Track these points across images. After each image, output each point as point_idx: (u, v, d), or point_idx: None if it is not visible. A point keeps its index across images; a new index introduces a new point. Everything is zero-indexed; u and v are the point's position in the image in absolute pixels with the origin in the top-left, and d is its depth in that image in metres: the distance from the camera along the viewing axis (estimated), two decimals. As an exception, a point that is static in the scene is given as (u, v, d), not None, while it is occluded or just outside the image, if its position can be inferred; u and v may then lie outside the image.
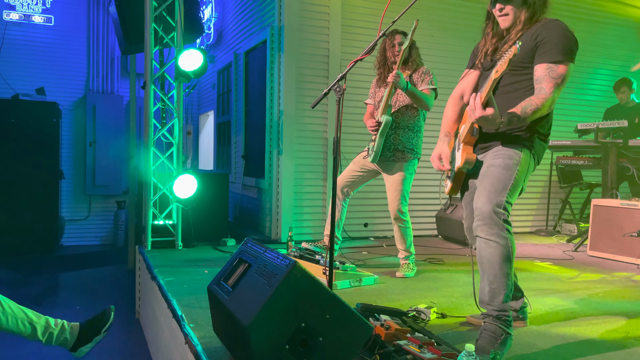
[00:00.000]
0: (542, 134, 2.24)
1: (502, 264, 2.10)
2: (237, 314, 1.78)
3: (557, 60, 2.07)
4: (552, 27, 2.13)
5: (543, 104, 2.04)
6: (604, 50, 6.57)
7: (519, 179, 2.15)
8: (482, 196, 2.14)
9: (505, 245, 2.10)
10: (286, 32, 5.12)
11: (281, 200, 5.12)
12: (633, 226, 4.38)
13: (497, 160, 2.17)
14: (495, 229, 2.09)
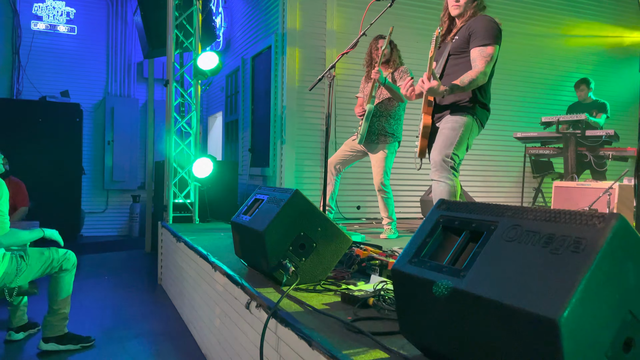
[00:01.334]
0: (482, 103, 2.98)
1: (449, 198, 2.84)
2: (255, 227, 2.53)
3: (485, 43, 2.83)
4: (481, 20, 2.89)
5: (477, 76, 2.79)
6: (575, 56, 7.36)
7: (463, 137, 2.89)
8: (435, 150, 2.89)
9: (452, 185, 2.84)
10: (289, 38, 5.90)
11: (284, 184, 5.87)
12: (586, 202, 5.10)
13: (447, 124, 2.93)
14: (444, 173, 2.84)
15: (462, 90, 2.84)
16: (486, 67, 2.83)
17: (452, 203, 1.58)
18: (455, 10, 2.98)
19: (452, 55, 2.95)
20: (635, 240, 1.11)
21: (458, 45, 2.92)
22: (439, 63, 2.98)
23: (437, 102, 3.00)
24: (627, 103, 7.64)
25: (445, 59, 2.96)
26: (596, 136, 5.63)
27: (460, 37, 2.93)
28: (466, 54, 2.92)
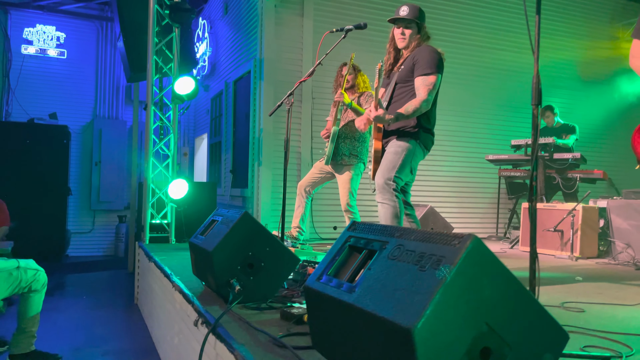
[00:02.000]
0: (426, 128, 3.14)
1: (393, 219, 2.97)
2: (206, 247, 2.66)
3: (428, 73, 2.99)
4: (424, 50, 3.06)
5: (420, 104, 2.96)
6: (546, 80, 7.56)
7: (405, 161, 3.04)
8: (379, 173, 3.04)
9: (394, 207, 2.97)
10: (266, 64, 6.10)
11: (260, 204, 6.00)
12: (552, 223, 5.24)
13: (391, 148, 3.08)
14: (387, 195, 2.98)
15: (406, 118, 3.00)
16: (428, 95, 2.99)
17: (360, 225, 1.71)
18: (401, 43, 3.16)
19: (399, 83, 3.12)
20: (490, 259, 1.25)
21: (404, 74, 3.09)
22: (388, 90, 3.15)
23: (385, 128, 3.15)
24: (596, 127, 7.84)
25: (393, 87, 3.13)
26: (563, 159, 5.79)
27: (406, 66, 3.10)
28: (411, 83, 3.08)
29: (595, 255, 5.07)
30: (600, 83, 8.01)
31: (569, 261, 4.82)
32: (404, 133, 3.09)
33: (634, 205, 4.92)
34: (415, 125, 3.08)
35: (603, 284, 3.54)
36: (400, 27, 3.16)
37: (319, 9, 6.37)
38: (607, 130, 7.94)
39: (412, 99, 3.00)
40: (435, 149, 6.85)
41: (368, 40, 6.39)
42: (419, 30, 3.15)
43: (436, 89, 3.03)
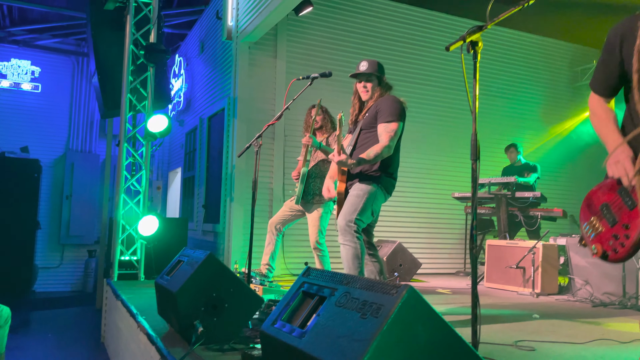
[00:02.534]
0: (388, 172, 3.28)
1: (354, 260, 3.08)
2: (170, 288, 2.71)
3: (389, 120, 3.16)
4: (386, 100, 3.25)
5: (382, 150, 3.12)
6: (511, 121, 7.90)
7: (366, 204, 3.16)
8: (340, 215, 3.16)
9: (355, 248, 3.08)
10: (239, 102, 6.25)
11: (231, 240, 6.05)
12: (515, 260, 5.41)
13: (353, 191, 3.21)
14: (347, 237, 3.09)
15: (368, 163, 3.14)
16: (390, 141, 3.15)
17: (314, 271, 1.81)
18: (364, 96, 3.35)
19: (363, 130, 3.29)
20: (424, 307, 1.36)
21: (368, 122, 3.26)
22: (353, 137, 3.31)
23: (349, 171, 3.29)
24: (558, 166, 8.17)
25: (357, 133, 3.29)
26: (525, 198, 6.02)
27: (370, 114, 3.27)
28: (375, 130, 3.25)
29: (556, 291, 5.23)
30: (561, 124, 8.38)
31: (530, 298, 4.97)
32: (366, 177, 3.22)
33: (591, 243, 5.12)
34: (378, 169, 3.23)
35: (558, 321, 3.67)
36: (362, 81, 3.35)
37: (291, 51, 6.60)
38: (567, 169, 8.27)
39: (375, 145, 3.16)
40: (405, 186, 7.11)
41: (339, 81, 6.61)
42: (380, 82, 3.34)
43: (397, 136, 3.20)
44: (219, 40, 7.13)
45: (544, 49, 8.35)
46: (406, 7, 7.30)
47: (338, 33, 6.88)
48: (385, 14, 7.17)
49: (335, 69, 6.76)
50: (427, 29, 7.40)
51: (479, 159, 1.84)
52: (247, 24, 6.06)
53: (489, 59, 7.81)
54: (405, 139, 6.58)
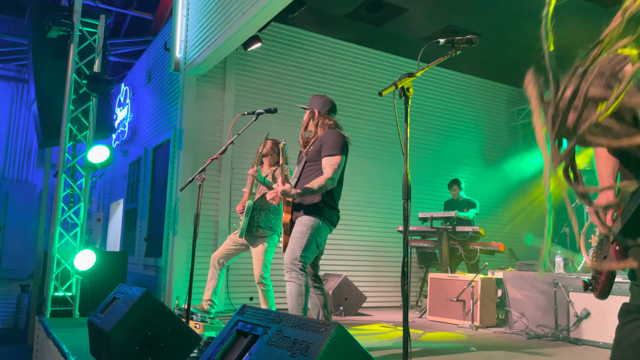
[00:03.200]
0: (330, 205, 3.35)
1: (297, 297, 3.09)
2: (103, 327, 2.61)
3: (333, 154, 3.26)
4: (330, 134, 3.36)
5: (325, 182, 3.21)
6: (453, 157, 8.21)
7: (310, 239, 3.21)
8: (286, 253, 3.18)
9: (300, 285, 3.10)
10: (185, 134, 6.20)
11: (173, 275, 5.89)
12: (455, 293, 5.54)
13: (297, 227, 3.24)
14: (293, 274, 3.11)
15: (311, 194, 3.22)
16: (333, 174, 3.26)
17: (249, 309, 1.81)
18: (309, 128, 3.44)
19: (308, 162, 3.38)
20: (352, 345, 1.39)
21: (312, 154, 3.37)
22: (298, 168, 3.39)
23: (294, 202, 3.33)
24: (496, 201, 8.52)
25: (303, 165, 3.37)
26: (464, 232, 6.22)
27: (314, 147, 3.38)
28: (319, 162, 3.35)
29: (494, 324, 5.38)
30: (499, 161, 8.78)
31: (469, 330, 5.09)
32: (309, 209, 3.27)
33: (526, 276, 5.33)
34: (320, 202, 3.29)
35: (494, 352, 3.78)
36: (307, 114, 3.45)
37: (240, 85, 6.64)
38: (505, 204, 8.63)
39: (319, 177, 3.24)
40: (351, 219, 7.20)
41: (288, 115, 6.71)
42: (320, 115, 3.45)
43: (341, 169, 3.30)
44: (167, 71, 7.09)
45: (483, 90, 8.80)
46: (353, 46, 7.54)
47: (287, 68, 7.00)
48: (334, 51, 7.38)
49: (283, 103, 6.88)
50: (373, 68, 7.66)
51: (410, 199, 1.91)
52: (196, 56, 6.08)
53: (434, 98, 8.14)
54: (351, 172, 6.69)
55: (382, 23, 6.92)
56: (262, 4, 4.56)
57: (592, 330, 4.41)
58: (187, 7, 6.51)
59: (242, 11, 4.91)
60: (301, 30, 7.12)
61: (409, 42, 7.37)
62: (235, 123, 3.74)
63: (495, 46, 7.49)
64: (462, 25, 6.92)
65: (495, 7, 6.40)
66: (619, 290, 4.32)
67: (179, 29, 6.54)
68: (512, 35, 7.11)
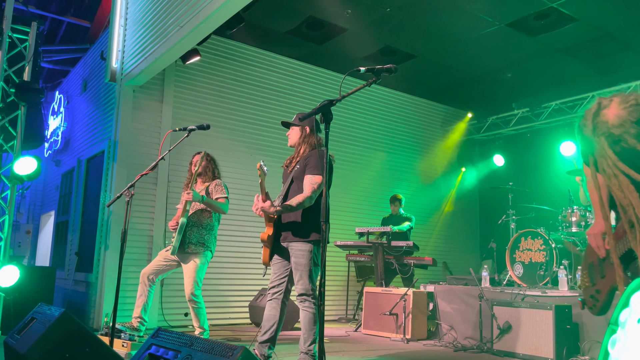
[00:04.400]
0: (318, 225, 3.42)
1: (312, 324, 3.34)
2: (19, 349, 2.52)
3: (314, 173, 3.36)
4: (313, 155, 3.46)
5: (304, 199, 3.33)
6: (391, 173, 8.44)
7: (313, 267, 3.41)
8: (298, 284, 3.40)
9: (313, 313, 3.35)
10: (120, 146, 6.06)
11: (104, 292, 5.72)
12: (389, 307, 5.68)
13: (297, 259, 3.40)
14: (306, 303, 3.38)
15: (289, 211, 3.37)
16: (312, 192, 3.39)
17: (163, 332, 1.81)
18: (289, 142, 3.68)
19: (294, 180, 3.53)
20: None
21: (298, 173, 3.53)
22: (285, 185, 3.57)
23: (282, 222, 3.42)
24: (432, 216, 8.82)
25: (289, 183, 3.53)
26: (399, 246, 6.39)
27: (300, 166, 3.54)
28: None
29: (425, 337, 5.55)
30: (436, 177, 9.10)
31: (400, 344, 5.22)
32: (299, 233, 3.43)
33: (455, 290, 5.54)
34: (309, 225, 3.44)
35: (420, 367, 3.91)
36: (289, 129, 3.70)
37: (178, 97, 6.57)
38: (438, 219, 8.93)
39: (298, 195, 3.39)
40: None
41: (227, 129, 6.70)
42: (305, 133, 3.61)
43: (321, 188, 3.42)
44: (103, 81, 6.92)
45: (419, 108, 9.11)
46: (294, 62, 7.63)
47: (227, 82, 6.99)
48: (275, 66, 7.44)
49: (222, 116, 6.86)
50: (314, 84, 7.77)
51: (328, 222, 1.98)
52: (133, 67, 5.98)
53: (373, 116, 8.36)
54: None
55: (322, 41, 7.07)
56: (199, 20, 4.57)
57: (514, 342, 4.64)
58: (125, 17, 6.40)
59: (180, 25, 4.89)
60: (242, 45, 7.15)
61: (349, 61, 7.55)
62: (170, 138, 3.70)
63: (431, 68, 7.81)
64: (399, 47, 7.17)
65: (429, 32, 6.68)
66: (537, 304, 4.58)
67: (116, 38, 6.41)
68: (445, 58, 7.44)
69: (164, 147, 3.57)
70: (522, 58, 7.40)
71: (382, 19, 6.40)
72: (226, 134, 6.79)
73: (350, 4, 6.08)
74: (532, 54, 7.22)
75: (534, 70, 7.74)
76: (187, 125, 3.95)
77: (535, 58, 7.36)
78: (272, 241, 3.56)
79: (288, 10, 6.26)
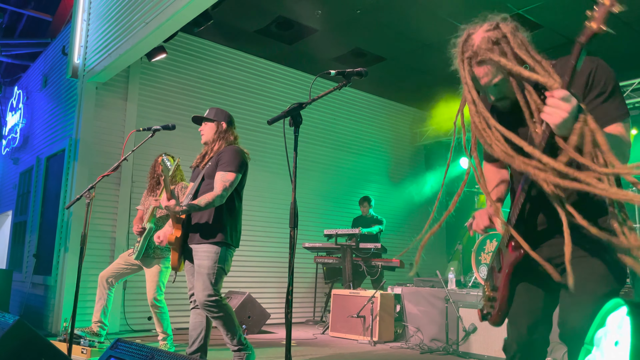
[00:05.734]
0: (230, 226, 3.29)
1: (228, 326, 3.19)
2: (-34, 361, 2.38)
3: (227, 170, 3.21)
4: (229, 150, 3.32)
5: (214, 198, 3.14)
6: (360, 175, 8.45)
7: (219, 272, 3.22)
8: (197, 291, 3.19)
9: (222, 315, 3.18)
10: (81, 145, 5.86)
11: (63, 295, 5.52)
12: (356, 309, 5.67)
13: (201, 261, 3.20)
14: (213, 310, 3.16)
15: (197, 210, 3.17)
16: (223, 191, 3.18)
17: (123, 344, 1.73)
18: (203, 138, 3.43)
19: (205, 178, 3.29)
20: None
21: (210, 170, 3.30)
22: (195, 184, 3.30)
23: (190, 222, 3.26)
24: (402, 218, 8.87)
25: (200, 181, 3.29)
26: (367, 248, 6.40)
27: (212, 163, 3.32)
28: None
29: (392, 339, 5.56)
30: (404, 179, 9.16)
31: (367, 346, 5.21)
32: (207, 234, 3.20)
33: (422, 292, 5.57)
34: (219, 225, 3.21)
35: (387, 370, 3.90)
36: (201, 125, 3.43)
37: (144, 95, 6.40)
38: (407, 221, 8.99)
39: (208, 193, 3.17)
40: (255, 235, 7.15)
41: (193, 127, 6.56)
42: (221, 129, 3.40)
43: (233, 187, 3.22)
44: (64, 77, 6.69)
45: (389, 110, 9.15)
46: (263, 61, 7.55)
47: (194, 80, 6.85)
48: (243, 65, 7.34)
49: (189, 115, 6.64)
50: (282, 84, 7.71)
51: (297, 227, 1.93)
52: (96, 63, 5.79)
53: (342, 117, 8.35)
54: (254, 187, 6.65)
55: (292, 41, 7.01)
56: (165, 17, 4.45)
57: (479, 344, 4.69)
58: (89, 12, 6.20)
59: (145, 22, 4.76)
60: (210, 43, 7.02)
61: (318, 61, 7.52)
62: (134, 138, 3.58)
63: (400, 70, 7.84)
64: (368, 49, 7.17)
65: (398, 34, 6.70)
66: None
67: (78, 33, 6.20)
68: (413, 60, 7.48)
69: (127, 148, 3.44)
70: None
71: (353, 21, 6.39)
72: (192, 133, 6.63)
73: (321, 4, 6.04)
74: (498, 59, 7.31)
75: (500, 75, 7.86)
76: (152, 124, 3.85)
77: (502, 63, 7.47)
78: (180, 244, 3.31)
79: (258, 10, 6.18)
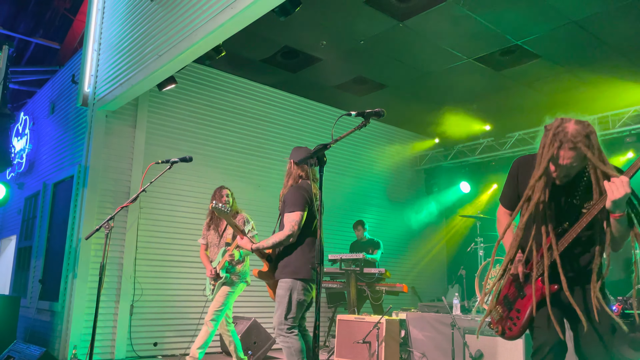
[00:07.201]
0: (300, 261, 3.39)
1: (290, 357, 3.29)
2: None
3: (292, 210, 3.33)
4: (291, 191, 3.43)
5: (282, 238, 3.29)
6: (360, 198, 8.56)
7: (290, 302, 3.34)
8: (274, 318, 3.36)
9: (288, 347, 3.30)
10: (91, 172, 5.95)
11: (71, 322, 5.55)
12: (362, 335, 5.71)
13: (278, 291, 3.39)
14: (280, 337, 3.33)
15: (266, 249, 3.37)
16: (290, 231, 3.31)
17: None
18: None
19: (281, 214, 3.47)
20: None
21: (281, 208, 3.48)
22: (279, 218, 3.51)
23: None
24: (402, 242, 8.97)
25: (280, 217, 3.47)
26: (371, 274, 6.47)
27: (281, 202, 3.50)
28: None
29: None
30: (404, 203, 9.28)
31: (375, 372, 5.26)
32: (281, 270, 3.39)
33: (427, 317, 5.64)
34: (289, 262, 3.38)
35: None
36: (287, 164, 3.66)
37: (152, 123, 6.52)
38: (409, 245, 9.09)
39: (278, 233, 3.36)
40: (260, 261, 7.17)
41: (202, 154, 6.68)
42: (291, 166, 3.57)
43: (300, 225, 3.34)
44: (73, 105, 6.81)
45: (390, 135, 9.31)
46: (269, 89, 7.70)
47: (202, 108, 6.99)
48: (249, 93, 7.48)
49: (196, 143, 6.84)
50: (288, 111, 7.85)
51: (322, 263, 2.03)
52: (106, 92, 5.92)
53: (343, 142, 8.48)
54: (266, 214, 6.71)
55: (297, 70, 7.18)
56: (179, 50, 4.59)
57: (485, 369, 4.74)
58: (99, 42, 6.35)
59: (159, 54, 4.90)
60: (217, 71, 7.18)
61: (323, 89, 7.69)
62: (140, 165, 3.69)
63: (400, 97, 8.02)
64: (371, 76, 7.35)
65: (399, 63, 6.89)
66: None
67: (89, 63, 6.34)
68: (415, 88, 7.67)
69: (142, 177, 3.55)
70: (488, 90, 7.71)
71: (355, 50, 6.57)
72: (200, 160, 6.76)
73: (325, 35, 6.23)
74: (497, 86, 7.53)
75: (498, 101, 8.06)
76: (160, 151, 3.95)
77: (500, 91, 7.68)
78: (266, 277, 3.54)
79: (264, 40, 6.36)
